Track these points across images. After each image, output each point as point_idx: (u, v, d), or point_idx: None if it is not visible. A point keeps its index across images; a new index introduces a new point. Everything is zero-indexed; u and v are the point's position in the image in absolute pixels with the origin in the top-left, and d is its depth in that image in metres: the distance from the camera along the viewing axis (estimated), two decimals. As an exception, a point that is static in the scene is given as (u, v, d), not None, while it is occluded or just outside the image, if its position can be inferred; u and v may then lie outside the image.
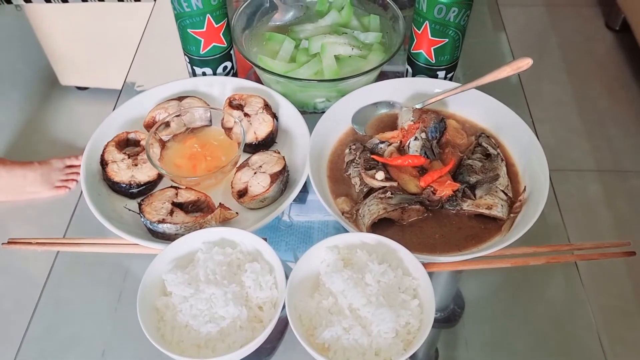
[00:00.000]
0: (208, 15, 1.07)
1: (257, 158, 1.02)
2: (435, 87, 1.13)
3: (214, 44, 1.13)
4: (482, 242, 0.94)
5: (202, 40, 1.11)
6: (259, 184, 0.97)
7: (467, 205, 0.96)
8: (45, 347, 0.88)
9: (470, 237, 0.94)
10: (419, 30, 1.09)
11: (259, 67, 1.07)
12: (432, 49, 1.10)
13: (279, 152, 1.02)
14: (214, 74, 1.18)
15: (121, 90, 1.26)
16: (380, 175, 0.98)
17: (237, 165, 1.02)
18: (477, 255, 0.90)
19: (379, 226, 0.94)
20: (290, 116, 1.11)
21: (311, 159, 1.01)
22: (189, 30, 1.10)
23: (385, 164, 1.02)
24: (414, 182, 0.99)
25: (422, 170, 1.02)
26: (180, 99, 1.12)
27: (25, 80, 2.65)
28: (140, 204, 0.94)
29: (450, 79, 1.18)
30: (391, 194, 0.95)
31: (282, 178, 0.99)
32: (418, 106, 1.11)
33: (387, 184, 0.97)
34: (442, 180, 0.98)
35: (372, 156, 1.02)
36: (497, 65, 1.06)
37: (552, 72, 2.70)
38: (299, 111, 1.09)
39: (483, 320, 0.92)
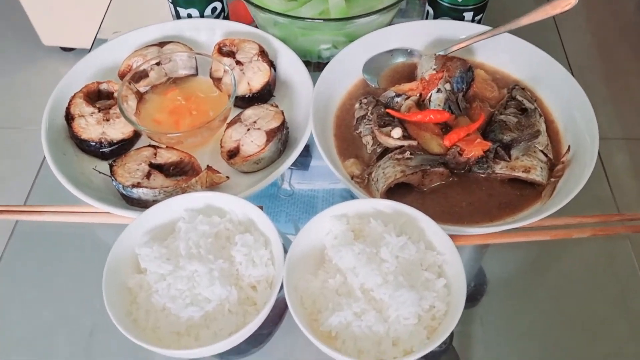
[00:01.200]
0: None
1: (251, 112, 0.86)
2: (461, 31, 0.97)
3: (200, -20, 0.96)
4: (518, 211, 0.79)
5: (187, -25, 0.94)
6: (253, 143, 0.82)
7: (500, 168, 0.81)
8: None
9: (504, 206, 0.79)
10: (444, -37, 0.92)
11: (252, 3, 0.91)
12: (458, -15, 0.93)
13: (276, 106, 0.87)
14: (201, 16, 1.02)
15: (96, 36, 1.10)
16: (397, 132, 0.83)
17: (228, 121, 0.86)
18: (512, 227, 0.75)
19: (395, 193, 0.79)
20: (290, 65, 0.95)
21: (315, 114, 0.85)
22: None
23: (403, 120, 0.86)
24: (437, 140, 0.83)
25: (445, 128, 0.86)
26: (161, 44, 0.96)
27: (4, 40, 2.47)
28: (111, 166, 0.79)
29: (479, 22, 1.01)
30: (410, 154, 0.80)
31: (281, 136, 0.83)
32: (439, 53, 0.95)
33: (405, 142, 0.82)
34: (471, 139, 0.82)
35: (387, 111, 0.86)
36: (531, 6, 0.89)
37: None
38: (301, 59, 0.93)
39: (507, 299, 0.78)
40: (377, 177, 0.80)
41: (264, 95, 0.92)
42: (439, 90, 0.89)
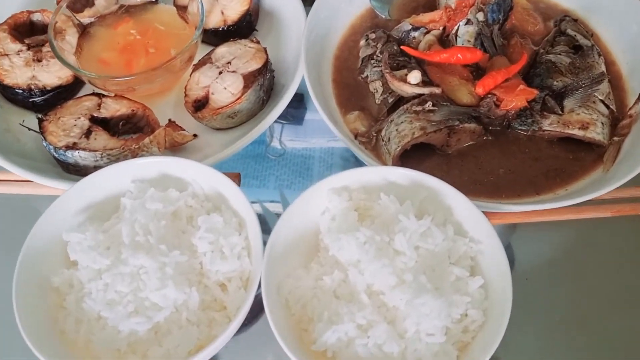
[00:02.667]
0: None
1: (224, 51, 0.66)
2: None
3: None
4: (572, 180, 0.61)
5: None
6: (227, 90, 0.63)
7: (549, 124, 0.62)
8: None
9: (553, 173, 0.62)
10: None
11: None
12: None
13: (258, 42, 0.67)
14: None
15: None
16: (415, 76, 0.63)
17: (195, 62, 0.67)
18: (567, 204, 0.57)
19: (412, 156, 0.62)
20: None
21: (307, 53, 0.66)
22: None
23: (422, 60, 0.67)
24: (467, 87, 0.64)
25: (477, 71, 0.67)
26: (112, -38, 0.75)
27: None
28: (41, 120, 0.61)
29: None
30: (432, 105, 0.61)
31: (263, 81, 0.64)
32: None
33: (426, 89, 0.63)
34: (511, 85, 0.63)
35: (402, 48, 0.66)
36: None
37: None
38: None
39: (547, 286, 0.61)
40: (389, 135, 0.61)
41: (242, 29, 0.72)
42: (468, 22, 0.69)
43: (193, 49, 0.65)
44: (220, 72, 0.64)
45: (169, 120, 0.64)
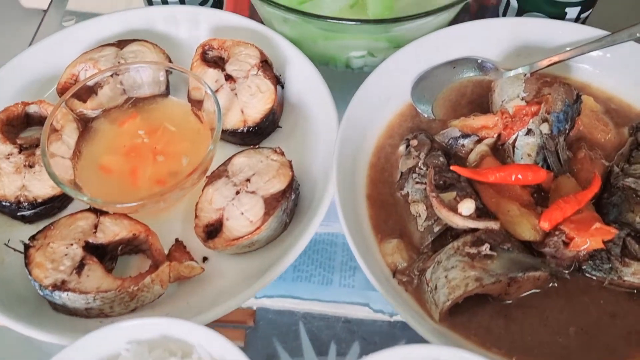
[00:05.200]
0: None
1: (242, 162, 0.57)
2: (561, 35, 0.66)
3: (176, -52, 0.65)
4: (660, 347, 0.50)
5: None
6: (244, 217, 0.53)
7: (632, 274, 0.51)
8: None
9: (637, 337, 0.50)
10: None
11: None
12: (567, -35, 0.61)
13: (281, 152, 0.57)
14: (181, 1, 0.71)
15: (40, 24, 0.81)
16: (467, 206, 0.53)
17: (209, 173, 0.57)
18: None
19: (460, 305, 0.51)
20: (305, 80, 0.65)
21: (339, 167, 0.56)
22: None
23: (473, 180, 0.57)
24: (529, 220, 0.54)
25: (539, 192, 0.57)
26: (120, 44, 0.67)
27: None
28: (27, 247, 0.52)
29: (584, 22, 0.69)
30: (490, 248, 0.51)
31: (286, 205, 0.54)
32: (524, 69, 0.64)
33: (481, 224, 0.53)
34: (584, 221, 0.53)
35: (451, 168, 0.56)
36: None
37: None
38: (322, 69, 0.63)
39: None
40: (436, 282, 0.51)
41: (265, 129, 0.62)
42: (529, 132, 0.59)
43: (207, 163, 0.56)
44: (238, 192, 0.55)
45: (176, 240, 0.56)
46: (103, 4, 0.79)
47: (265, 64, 0.63)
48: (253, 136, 0.62)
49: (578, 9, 0.66)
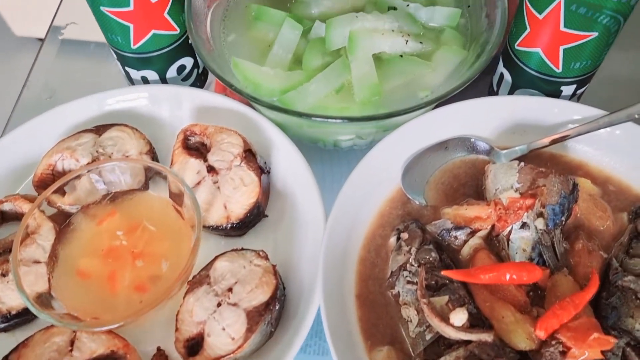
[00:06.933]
0: (134, -19, 0.57)
1: (225, 267, 0.54)
2: (556, 113, 0.63)
3: (153, 31, 0.62)
4: None
5: (131, 26, 0.61)
6: (225, 332, 0.51)
7: (633, 390, 0.49)
8: None
9: None
10: (541, 12, 0.56)
11: (230, 84, 0.57)
12: (561, 48, 0.58)
13: (265, 256, 0.55)
14: (162, 79, 0.69)
15: (50, 25, 0.84)
16: (459, 316, 0.51)
17: (189, 279, 0.55)
18: None
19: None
20: (291, 167, 0.62)
21: (327, 263, 0.54)
22: (104, 10, 0.59)
23: (465, 283, 0.54)
24: (524, 328, 0.51)
25: (535, 291, 0.54)
26: (99, 130, 0.64)
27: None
28: (-2, 369, 0.50)
29: (579, 99, 0.67)
30: (484, 365, 0.48)
31: (270, 317, 0.52)
32: (521, 149, 0.62)
33: (474, 336, 0.50)
34: (581, 328, 0.50)
35: (443, 273, 0.54)
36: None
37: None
38: (311, 146, 0.61)
39: None
40: (428, 400, 0.49)
41: (249, 223, 0.60)
42: (524, 226, 0.57)
43: (188, 271, 0.53)
44: (219, 304, 0.52)
45: (158, 349, 0.54)
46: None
47: (249, 154, 0.61)
48: (237, 230, 0.60)
49: (574, 87, 0.63)
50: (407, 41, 0.62)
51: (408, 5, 0.65)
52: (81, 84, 0.81)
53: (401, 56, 0.62)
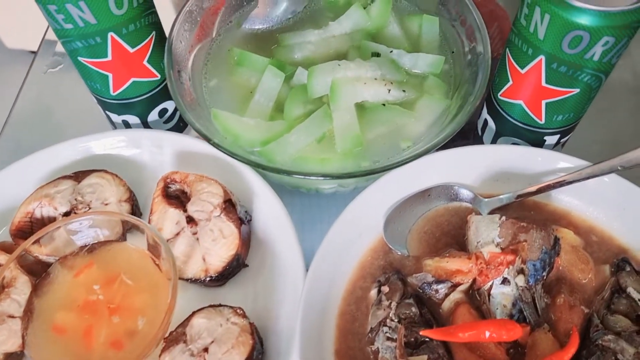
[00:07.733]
0: (111, 34, 0.56)
1: (201, 324, 0.54)
2: (540, 163, 0.62)
3: (133, 79, 0.62)
4: None
5: (110, 75, 0.60)
6: (201, 394, 0.50)
7: None
8: None
9: None
10: (522, 67, 0.56)
11: (208, 139, 0.56)
12: (544, 102, 0.57)
13: (243, 313, 0.54)
14: (143, 123, 0.68)
15: (43, 37, 0.88)
16: (437, 379, 0.50)
17: (161, 336, 0.54)
18: None
19: None
20: (271, 216, 0.62)
21: (305, 318, 0.53)
22: (82, 60, 0.58)
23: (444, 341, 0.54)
24: (504, 390, 0.51)
25: (515, 348, 0.54)
26: (78, 176, 0.64)
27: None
28: None
29: (563, 146, 0.66)
30: None
31: (248, 375, 0.52)
32: (506, 197, 0.61)
33: (452, 401, 0.50)
34: (560, 390, 0.50)
35: (421, 333, 0.53)
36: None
37: None
38: (293, 191, 0.60)
39: None
40: None
41: (228, 275, 0.59)
42: (504, 281, 0.56)
43: (165, 328, 0.53)
44: (196, 362, 0.52)
45: (133, 408, 0.53)
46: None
47: (229, 204, 0.60)
48: (216, 282, 0.59)
49: (557, 136, 0.63)
50: (389, 90, 0.61)
51: (392, 51, 0.65)
52: (74, 98, 0.81)
53: (384, 105, 0.62)
